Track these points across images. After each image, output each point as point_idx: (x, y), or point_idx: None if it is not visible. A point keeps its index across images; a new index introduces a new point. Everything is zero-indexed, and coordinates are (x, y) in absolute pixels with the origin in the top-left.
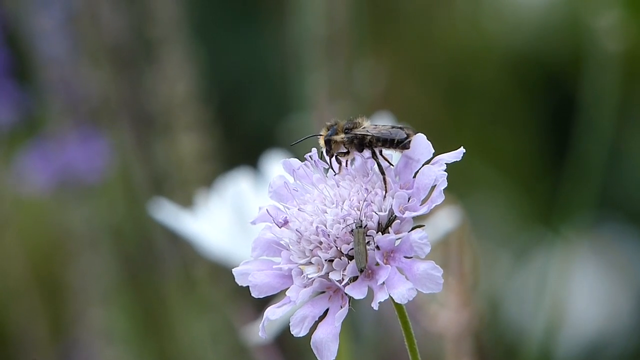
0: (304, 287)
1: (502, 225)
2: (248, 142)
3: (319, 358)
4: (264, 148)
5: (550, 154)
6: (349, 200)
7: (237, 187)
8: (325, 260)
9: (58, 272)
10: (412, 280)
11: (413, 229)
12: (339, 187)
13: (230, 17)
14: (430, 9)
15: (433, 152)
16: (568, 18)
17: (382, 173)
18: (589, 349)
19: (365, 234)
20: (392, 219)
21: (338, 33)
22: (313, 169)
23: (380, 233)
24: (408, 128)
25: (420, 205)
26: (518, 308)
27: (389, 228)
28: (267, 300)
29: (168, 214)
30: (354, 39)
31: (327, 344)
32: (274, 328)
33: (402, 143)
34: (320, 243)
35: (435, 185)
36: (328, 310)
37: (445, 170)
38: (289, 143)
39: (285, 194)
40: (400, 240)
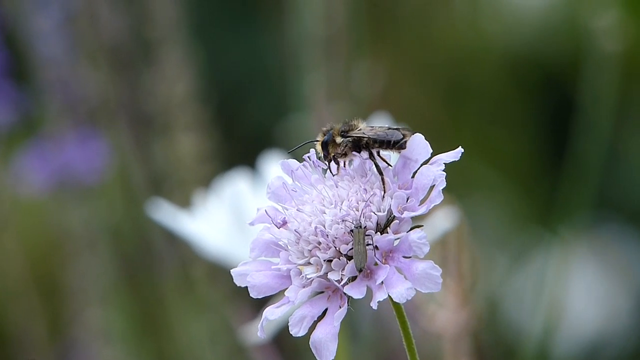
0: (303, 287)
1: (500, 226)
2: (247, 142)
3: (318, 358)
4: (263, 148)
5: (549, 154)
6: (348, 201)
7: (234, 187)
8: (324, 261)
9: (56, 272)
10: (411, 280)
11: (412, 229)
12: (338, 187)
13: (229, 17)
14: (429, 10)
15: (431, 152)
16: (567, 19)
17: (380, 173)
18: (588, 350)
19: (365, 234)
20: (390, 219)
21: (337, 33)
22: (311, 170)
23: (379, 233)
24: (405, 129)
25: (419, 206)
26: (517, 308)
27: (388, 228)
28: (265, 300)
29: (166, 215)
30: (353, 39)
31: (325, 344)
32: (272, 328)
33: (398, 144)
34: (319, 243)
35: (434, 186)
36: (327, 310)
37: (444, 170)
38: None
39: (284, 195)
40: (399, 240)
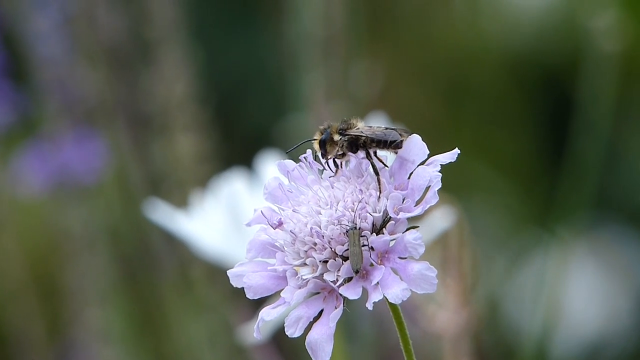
0: (299, 288)
1: (500, 226)
2: (246, 142)
3: (314, 358)
4: (262, 148)
5: (548, 154)
6: (344, 202)
7: (231, 187)
8: (320, 261)
9: (55, 272)
10: (406, 281)
11: (407, 230)
12: (334, 188)
13: (228, 17)
14: (429, 10)
15: (428, 153)
16: (566, 18)
17: (376, 174)
18: (588, 350)
19: (360, 235)
20: (386, 220)
21: (335, 33)
22: (308, 171)
23: (375, 234)
24: (402, 129)
25: (415, 206)
26: (516, 308)
27: (384, 229)
28: (263, 301)
29: (164, 215)
30: (351, 39)
31: (321, 345)
32: (269, 329)
33: (395, 144)
34: (315, 244)
35: (430, 186)
36: (323, 311)
37: (440, 171)
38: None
39: (280, 196)
40: (395, 241)
